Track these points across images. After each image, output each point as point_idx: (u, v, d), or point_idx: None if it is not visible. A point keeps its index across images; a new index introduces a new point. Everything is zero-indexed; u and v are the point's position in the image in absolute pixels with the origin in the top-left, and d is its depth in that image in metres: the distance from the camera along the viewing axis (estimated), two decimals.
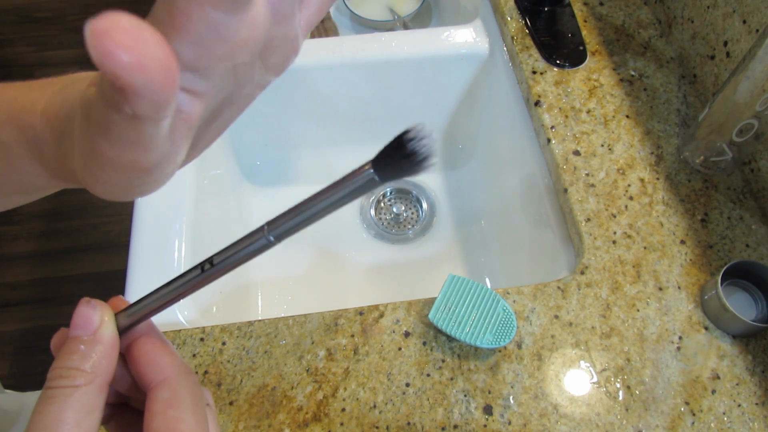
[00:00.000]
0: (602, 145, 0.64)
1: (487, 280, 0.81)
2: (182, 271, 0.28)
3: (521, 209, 0.76)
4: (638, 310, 0.54)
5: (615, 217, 0.59)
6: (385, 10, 1.01)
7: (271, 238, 0.23)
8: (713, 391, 0.50)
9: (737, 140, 0.57)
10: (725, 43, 0.63)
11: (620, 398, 0.50)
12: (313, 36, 0.94)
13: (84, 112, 0.21)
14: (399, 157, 0.22)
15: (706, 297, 0.54)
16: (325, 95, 0.82)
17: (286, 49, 0.22)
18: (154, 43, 0.16)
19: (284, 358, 0.52)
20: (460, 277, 0.53)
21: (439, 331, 0.53)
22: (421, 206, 0.90)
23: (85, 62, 0.50)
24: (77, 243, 1.64)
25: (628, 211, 0.60)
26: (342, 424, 0.49)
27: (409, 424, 0.49)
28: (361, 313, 0.54)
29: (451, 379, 0.51)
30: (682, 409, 0.49)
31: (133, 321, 0.26)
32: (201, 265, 0.25)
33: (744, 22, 0.60)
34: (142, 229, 0.60)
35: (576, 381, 0.51)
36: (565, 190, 0.62)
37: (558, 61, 0.71)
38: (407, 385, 0.51)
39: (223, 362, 0.51)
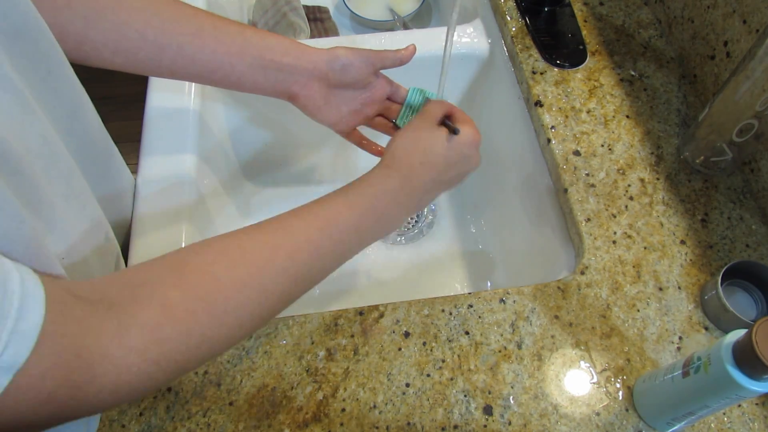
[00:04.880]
0: (602, 145, 0.64)
1: (487, 279, 0.81)
2: None
3: (521, 209, 0.76)
4: (638, 311, 0.54)
5: (615, 217, 0.59)
6: (385, 10, 1.01)
7: None
8: None
9: (737, 140, 0.57)
10: (725, 43, 0.63)
11: (620, 398, 0.50)
12: (313, 36, 0.94)
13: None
14: None
15: (706, 297, 0.54)
16: None
17: None
18: None
19: (284, 358, 0.52)
20: (422, 89, 0.61)
21: (438, 331, 0.53)
22: None
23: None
24: None
25: (628, 211, 0.60)
26: (342, 424, 0.49)
27: (409, 424, 0.49)
28: (361, 313, 0.54)
29: (451, 379, 0.51)
30: None
31: None
32: None
33: (744, 22, 0.60)
34: (142, 229, 0.60)
35: (576, 381, 0.51)
36: (565, 190, 0.62)
37: (558, 61, 0.71)
38: (407, 385, 0.50)
39: (222, 362, 0.51)
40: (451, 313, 0.54)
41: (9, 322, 0.26)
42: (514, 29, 0.75)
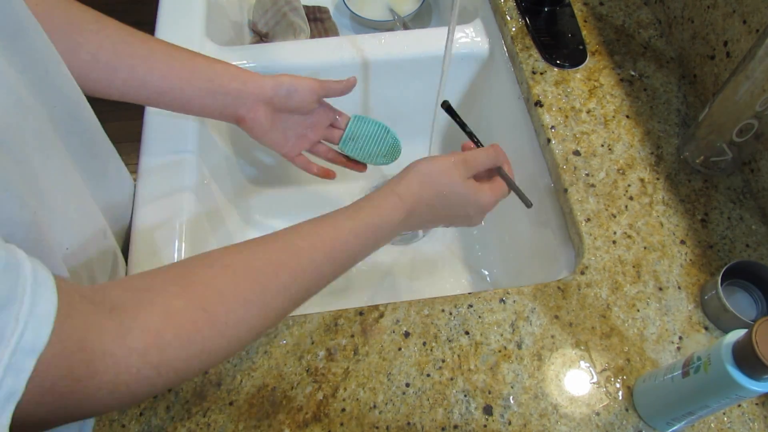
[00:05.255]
0: (602, 145, 0.65)
1: (488, 279, 0.81)
2: None
3: (521, 209, 0.76)
4: (638, 311, 0.54)
5: (615, 217, 0.59)
6: (385, 10, 1.01)
7: None
8: None
9: (737, 140, 0.57)
10: (725, 43, 0.63)
11: (620, 398, 0.50)
12: (313, 36, 0.94)
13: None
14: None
15: (706, 297, 0.54)
16: None
17: None
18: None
19: (284, 358, 0.52)
20: (363, 117, 0.66)
21: (438, 331, 0.53)
22: None
23: None
24: None
25: (628, 211, 0.60)
26: (342, 424, 0.49)
27: (409, 424, 0.49)
28: (361, 313, 0.54)
29: (451, 379, 0.51)
30: None
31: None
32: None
33: (744, 22, 0.60)
34: (142, 228, 0.60)
35: (576, 381, 0.51)
36: (565, 190, 0.62)
37: (558, 61, 0.71)
38: (407, 385, 0.51)
39: (222, 362, 0.51)
40: (451, 313, 0.54)
41: (25, 305, 0.26)
42: (514, 29, 0.75)
